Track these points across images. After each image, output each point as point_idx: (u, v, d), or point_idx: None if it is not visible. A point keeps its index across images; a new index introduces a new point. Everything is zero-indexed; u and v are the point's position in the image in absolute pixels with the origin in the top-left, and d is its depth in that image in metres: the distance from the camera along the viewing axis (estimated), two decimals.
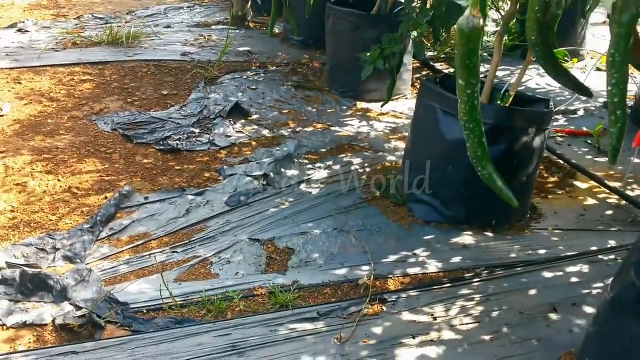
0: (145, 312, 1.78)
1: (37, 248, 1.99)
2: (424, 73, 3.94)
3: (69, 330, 1.67)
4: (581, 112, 3.47)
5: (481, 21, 1.27)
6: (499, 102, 2.23)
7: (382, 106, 3.13)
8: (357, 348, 1.67)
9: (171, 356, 1.59)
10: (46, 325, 1.68)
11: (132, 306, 1.78)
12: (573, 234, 2.31)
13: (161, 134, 2.84)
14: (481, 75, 1.47)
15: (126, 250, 2.06)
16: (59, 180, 2.39)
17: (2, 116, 2.88)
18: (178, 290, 1.86)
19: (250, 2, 4.71)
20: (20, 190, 2.31)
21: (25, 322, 1.68)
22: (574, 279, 2.03)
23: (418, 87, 2.66)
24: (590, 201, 2.57)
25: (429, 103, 2.32)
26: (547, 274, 2.05)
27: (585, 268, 2.09)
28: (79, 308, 1.74)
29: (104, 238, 2.11)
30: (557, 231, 2.33)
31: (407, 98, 3.52)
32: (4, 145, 2.61)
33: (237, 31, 4.52)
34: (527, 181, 2.30)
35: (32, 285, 1.78)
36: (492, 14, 2.88)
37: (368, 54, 2.77)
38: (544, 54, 1.65)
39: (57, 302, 1.76)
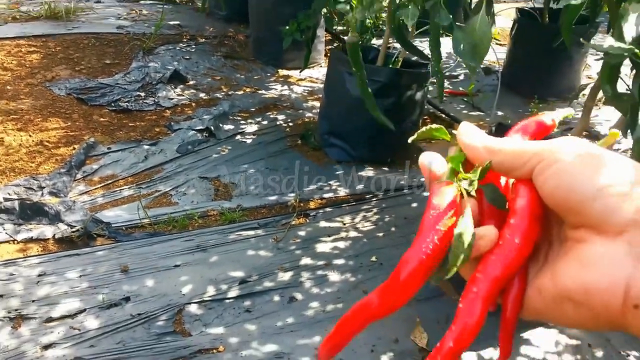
0: (124, 229, 2.30)
1: (25, 187, 2.44)
2: (335, 45, 4.57)
3: (67, 241, 2.17)
4: (461, 77, 4.25)
5: (357, 38, 1.92)
6: (390, 65, 2.90)
7: (300, 72, 3.74)
8: (288, 244, 2.30)
9: (152, 254, 2.14)
10: (48, 239, 2.18)
11: (113, 225, 2.30)
12: None
13: (111, 97, 3.29)
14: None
15: (99, 187, 2.56)
16: (30, 136, 2.82)
17: None
18: (148, 214, 2.40)
19: None
20: None
21: (31, 237, 2.16)
22: None
23: (329, 56, 3.27)
24: None
25: (338, 68, 2.95)
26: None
27: None
28: (72, 227, 2.24)
29: (79, 179, 2.58)
30: None
31: (321, 66, 4.14)
32: None
33: (166, 6, 4.92)
34: (413, 126, 3.00)
35: (31, 211, 2.26)
36: None
37: (287, 27, 3.35)
38: (398, 35, 2.34)
39: (53, 223, 2.25)
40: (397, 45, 3.09)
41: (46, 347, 1.71)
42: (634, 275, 0.32)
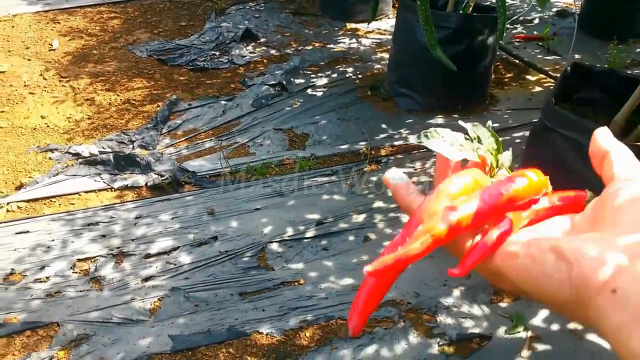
0: (208, 177, 2.47)
1: (117, 141, 2.66)
2: None
3: (159, 188, 2.36)
4: (536, 21, 4.10)
5: None
6: (460, 11, 2.86)
7: (367, 25, 3.74)
8: (360, 189, 2.39)
9: (235, 198, 2.30)
10: (141, 187, 2.38)
11: (198, 174, 2.47)
12: (521, 112, 3.01)
13: (189, 57, 3.45)
14: None
15: (183, 140, 2.73)
16: (117, 95, 3.03)
17: (54, 50, 3.47)
18: (229, 164, 2.55)
19: None
20: (90, 103, 2.95)
21: (126, 185, 2.37)
22: (517, 140, 2.74)
23: (398, 5, 3.25)
24: (537, 89, 3.25)
25: (407, 17, 2.94)
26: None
27: (526, 133, 2.80)
28: (162, 176, 2.43)
29: (165, 133, 2.77)
30: (508, 111, 3.02)
31: (389, 17, 4.12)
32: (65, 72, 3.22)
33: None
34: (485, 72, 2.97)
35: (125, 162, 2.46)
36: None
37: None
38: None
39: (144, 173, 2.45)
40: None
41: (146, 279, 1.91)
42: (630, 266, 0.31)
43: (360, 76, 3.34)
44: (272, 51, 3.61)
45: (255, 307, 1.81)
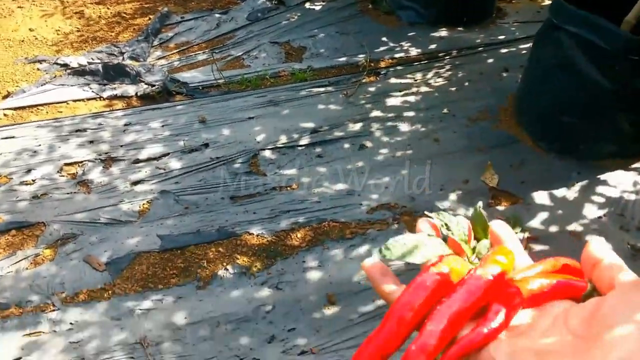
0: (201, 88, 2.39)
1: (107, 53, 2.56)
2: None
3: (149, 98, 2.29)
4: None
5: None
6: None
7: None
8: (357, 99, 2.30)
9: (228, 107, 2.22)
10: (131, 96, 2.30)
11: (190, 85, 2.39)
12: (529, 25, 2.86)
13: None
14: None
15: (175, 52, 2.63)
16: (107, 8, 2.91)
17: None
18: (222, 75, 2.46)
19: None
20: (79, 16, 2.84)
21: (116, 94, 2.30)
22: (524, 52, 2.62)
23: None
24: (547, 2, 3.09)
25: None
26: (504, 50, 2.64)
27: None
28: (152, 86, 2.35)
29: (156, 45, 2.67)
30: (516, 24, 2.88)
31: None
32: None
33: None
34: None
35: (114, 72, 2.38)
36: None
37: None
38: None
39: (134, 83, 2.37)
40: None
41: (135, 183, 1.86)
42: None
43: None
44: None
45: (246, 210, 1.77)
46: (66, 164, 1.91)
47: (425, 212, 0.46)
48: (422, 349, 0.37)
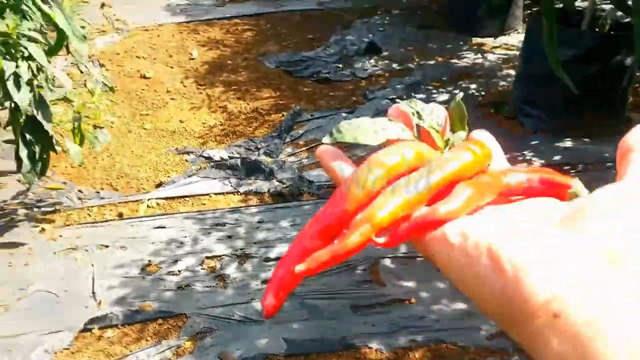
0: (326, 187, 2.56)
1: (245, 148, 2.83)
2: (534, 9, 4.34)
3: (279, 195, 2.49)
4: None
5: None
6: (596, 29, 2.71)
7: (494, 39, 3.65)
8: None
9: None
10: (264, 192, 2.52)
11: (316, 183, 2.57)
12: None
13: (313, 69, 3.59)
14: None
15: (304, 150, 2.85)
16: (247, 104, 3.23)
17: (193, 59, 3.77)
18: None
19: None
20: (223, 111, 3.17)
21: (251, 190, 2.53)
22: None
23: (528, 20, 3.15)
24: None
25: (536, 31, 2.83)
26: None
27: None
28: (282, 184, 2.56)
29: (288, 142, 2.91)
30: None
31: (518, 32, 3.99)
32: (202, 80, 3.49)
33: None
34: (621, 95, 2.78)
35: (250, 168, 2.63)
36: None
37: None
38: None
39: (267, 179, 2.59)
40: (606, 7, 2.86)
41: (265, 281, 2.02)
42: (578, 288, 0.26)
43: (483, 93, 3.27)
44: (395, 65, 3.64)
45: (366, 321, 1.86)
46: (207, 257, 2.12)
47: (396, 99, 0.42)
48: (369, 218, 0.33)
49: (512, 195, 0.34)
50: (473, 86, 3.35)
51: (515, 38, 3.91)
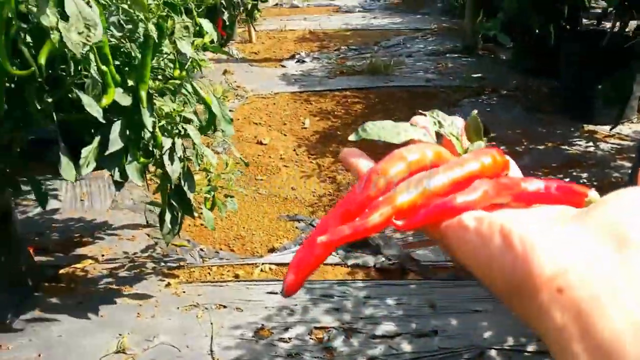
0: (430, 267, 2.60)
1: None
2: None
3: (385, 271, 2.56)
4: None
5: None
6: None
7: (610, 129, 3.60)
8: None
9: (456, 295, 2.38)
10: (370, 267, 2.60)
11: (422, 262, 2.62)
12: None
13: None
14: None
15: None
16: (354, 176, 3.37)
17: (305, 128, 4.01)
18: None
19: (480, 33, 5.40)
20: (332, 181, 3.34)
21: (358, 264, 2.62)
22: None
23: None
24: None
25: None
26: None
27: None
28: (388, 259, 2.63)
29: None
30: None
31: (632, 122, 3.90)
32: (313, 149, 3.70)
33: (468, 59, 5.25)
34: None
35: (358, 242, 2.73)
36: None
37: (601, 87, 3.29)
38: None
39: (374, 254, 2.68)
40: None
41: (371, 358, 2.08)
42: (583, 263, 0.27)
43: (596, 183, 3.21)
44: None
45: None
46: (315, 327, 2.22)
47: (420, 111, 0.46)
48: (390, 200, 0.35)
49: (530, 202, 0.36)
50: (584, 175, 3.30)
51: (630, 128, 3.83)
